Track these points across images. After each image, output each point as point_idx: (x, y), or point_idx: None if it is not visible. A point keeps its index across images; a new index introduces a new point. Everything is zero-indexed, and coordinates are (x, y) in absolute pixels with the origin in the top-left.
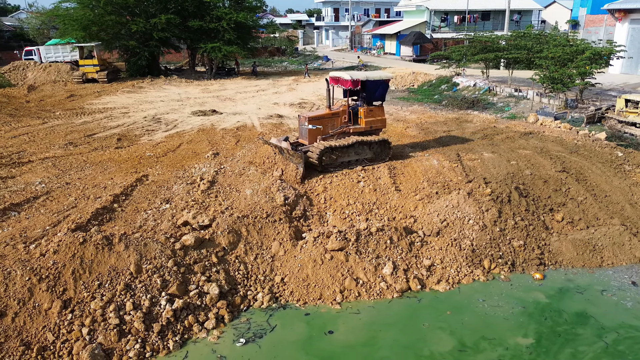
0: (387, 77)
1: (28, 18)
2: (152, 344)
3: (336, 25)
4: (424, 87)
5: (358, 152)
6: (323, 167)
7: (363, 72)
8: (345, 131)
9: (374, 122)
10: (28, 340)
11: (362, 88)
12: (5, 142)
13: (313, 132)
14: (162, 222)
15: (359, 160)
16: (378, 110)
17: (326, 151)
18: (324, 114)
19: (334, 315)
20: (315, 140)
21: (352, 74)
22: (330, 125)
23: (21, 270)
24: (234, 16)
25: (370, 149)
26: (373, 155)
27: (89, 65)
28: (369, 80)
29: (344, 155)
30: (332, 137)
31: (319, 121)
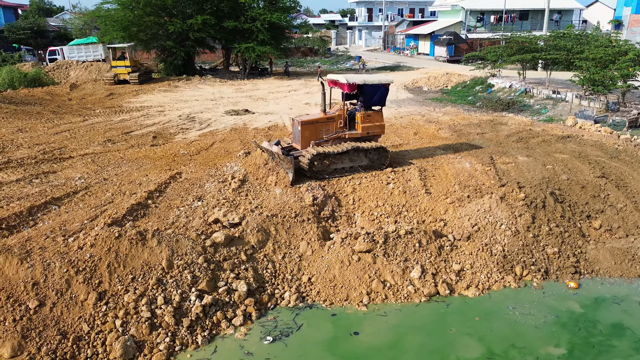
0: (386, 82)
1: (71, 19)
2: (182, 338)
3: (369, 25)
4: (457, 88)
5: (353, 159)
6: (314, 173)
7: (361, 75)
8: (340, 137)
9: (372, 128)
10: (65, 330)
11: (360, 92)
12: (47, 138)
13: (306, 136)
14: (193, 219)
15: (353, 168)
16: (376, 116)
17: (317, 157)
18: (318, 118)
19: (360, 317)
20: (309, 145)
21: (349, 77)
22: (324, 130)
23: (60, 262)
24: (268, 17)
25: (366, 156)
26: (369, 163)
27: (121, 66)
28: (367, 84)
29: (338, 162)
30: (327, 142)
31: (313, 126)
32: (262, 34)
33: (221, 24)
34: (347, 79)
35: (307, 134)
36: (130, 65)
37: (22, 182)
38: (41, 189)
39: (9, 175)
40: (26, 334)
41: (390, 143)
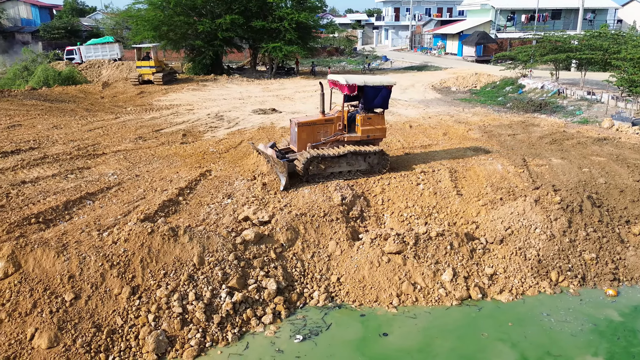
0: (389, 83)
1: (104, 19)
2: (212, 334)
3: (396, 24)
4: (487, 89)
5: (351, 163)
6: (310, 177)
7: (362, 76)
8: (339, 139)
9: (372, 131)
10: (99, 323)
11: (361, 94)
12: (82, 135)
13: (303, 138)
14: (223, 216)
15: (351, 172)
16: (377, 119)
17: (313, 160)
18: (316, 119)
19: (390, 318)
20: (306, 148)
21: (349, 78)
22: (323, 132)
23: (95, 256)
24: (295, 16)
25: (365, 160)
26: (368, 167)
27: (146, 66)
28: (368, 85)
29: (335, 166)
30: (325, 144)
31: (310, 127)
32: (289, 34)
33: (249, 23)
34: (346, 80)
35: (304, 136)
36: (155, 66)
37: (57, 177)
38: (76, 184)
39: (45, 170)
40: (62, 325)
41: (419, 143)
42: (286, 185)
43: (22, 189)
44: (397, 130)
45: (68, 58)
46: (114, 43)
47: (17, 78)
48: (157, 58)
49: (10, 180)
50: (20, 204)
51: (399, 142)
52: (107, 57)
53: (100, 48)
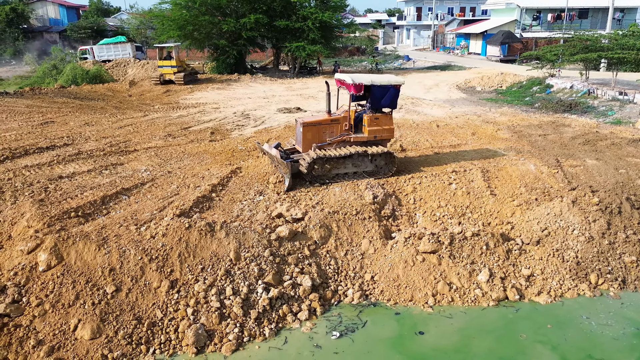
0: (397, 82)
1: (128, 19)
2: (250, 329)
3: (418, 24)
4: (513, 89)
5: (357, 165)
6: (314, 178)
7: (369, 75)
8: (345, 140)
9: (379, 132)
10: (139, 315)
11: (367, 93)
12: (113, 131)
13: (308, 138)
14: (257, 212)
15: (357, 173)
16: (385, 119)
17: (317, 161)
18: (321, 119)
19: (425, 317)
20: (310, 148)
21: (355, 77)
22: (328, 133)
23: (134, 250)
24: (319, 15)
25: (371, 162)
26: (374, 169)
27: (167, 66)
28: (375, 84)
29: (340, 167)
30: (331, 145)
31: (316, 127)
32: (312, 33)
33: (272, 23)
34: (353, 79)
35: (309, 136)
36: (176, 65)
37: (92, 172)
38: (111, 179)
39: (80, 166)
40: (104, 317)
41: (448, 143)
42: (289, 187)
43: (60, 183)
44: (424, 130)
45: (81, 57)
46: (126, 43)
47: (47, 76)
48: (178, 58)
49: (48, 175)
50: (59, 198)
51: (427, 141)
52: (119, 56)
53: (113, 48)
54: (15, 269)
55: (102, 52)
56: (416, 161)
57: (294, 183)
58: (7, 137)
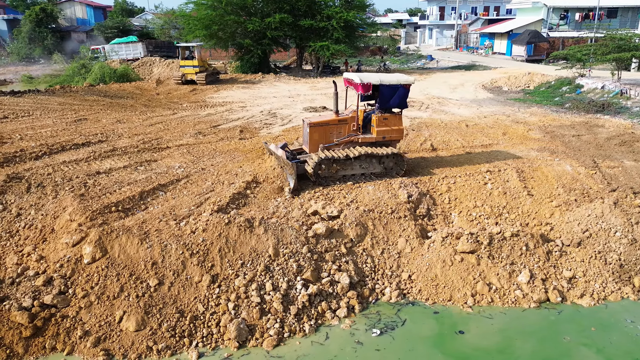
0: (406, 82)
1: (153, 19)
2: (290, 325)
3: (441, 24)
4: (541, 89)
5: (364, 166)
6: (321, 179)
7: (377, 74)
8: (353, 140)
9: (388, 133)
10: (182, 309)
11: (376, 93)
12: (144, 129)
13: (315, 139)
14: (292, 209)
15: (365, 175)
16: (394, 119)
17: (324, 162)
18: (329, 120)
19: (465, 317)
20: (317, 149)
21: (363, 77)
22: (336, 133)
23: (175, 244)
24: (344, 15)
25: (380, 163)
26: (383, 170)
27: (189, 66)
28: (383, 84)
29: (347, 168)
30: (338, 146)
31: (323, 128)
32: (337, 33)
33: (297, 22)
34: (361, 79)
35: (316, 137)
36: (198, 65)
37: (128, 168)
38: (147, 175)
39: (116, 162)
40: (148, 310)
41: (479, 143)
42: (294, 188)
43: (98, 179)
44: (453, 129)
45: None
46: (137, 42)
47: (76, 75)
48: (200, 57)
49: (86, 171)
50: (99, 193)
51: (457, 141)
52: (130, 56)
53: (124, 47)
54: (60, 261)
55: (113, 52)
56: (448, 160)
57: (300, 184)
58: (43, 133)
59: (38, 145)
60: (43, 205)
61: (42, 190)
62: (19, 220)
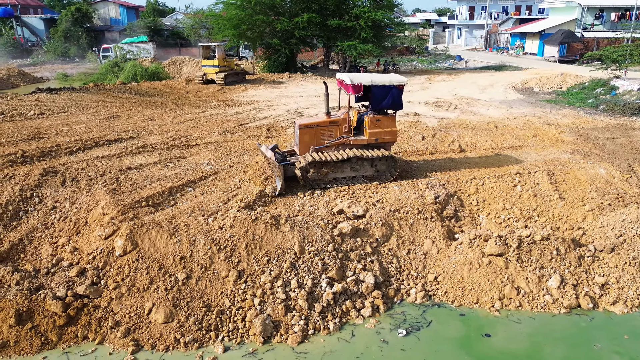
0: (399, 82)
1: (183, 18)
2: (314, 322)
3: (470, 23)
4: (574, 90)
5: (355, 169)
6: (310, 182)
7: (369, 75)
8: (344, 142)
9: (381, 135)
10: (209, 303)
11: (368, 94)
12: (173, 126)
13: (305, 141)
14: (318, 208)
15: (356, 178)
16: (387, 121)
17: (313, 165)
18: (319, 121)
19: (492, 320)
20: (308, 151)
21: (354, 77)
22: (327, 135)
23: (204, 239)
24: (372, 14)
25: (372, 166)
26: (375, 173)
27: (210, 65)
28: (375, 85)
29: (337, 171)
30: (330, 148)
31: (313, 130)
32: (364, 32)
33: (325, 22)
34: (351, 79)
35: (306, 139)
36: (218, 65)
37: (158, 164)
38: (176, 172)
39: (147, 158)
40: (176, 303)
41: (509, 144)
42: (281, 190)
43: (129, 174)
44: (482, 130)
45: (104, 55)
46: (148, 42)
47: (108, 73)
48: (222, 57)
49: (118, 166)
50: (130, 187)
51: (486, 142)
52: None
53: (135, 46)
54: (93, 253)
55: (124, 51)
56: (476, 162)
57: (290, 186)
58: (77, 129)
59: (73, 141)
60: (77, 198)
61: (76, 184)
62: (54, 212)
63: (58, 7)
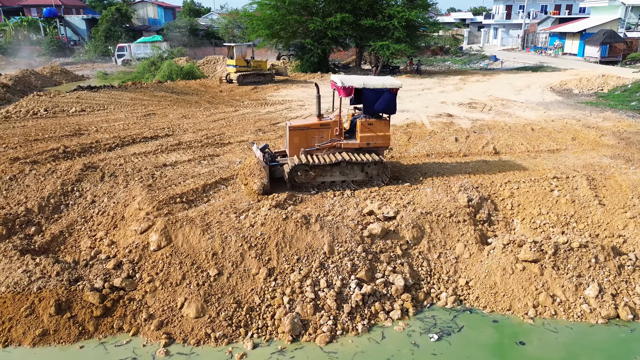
0: (392, 86)
1: (218, 19)
2: (343, 323)
3: (507, 23)
4: (616, 92)
5: (345, 173)
6: (298, 185)
7: (361, 77)
8: (335, 146)
9: (373, 139)
10: (239, 299)
11: (360, 96)
12: (207, 125)
13: (295, 143)
14: (348, 208)
15: (345, 182)
16: (380, 125)
17: (300, 168)
18: (310, 123)
19: (527, 328)
20: (298, 153)
21: (345, 79)
22: (317, 138)
23: (235, 236)
24: (406, 14)
25: (362, 171)
26: (365, 178)
27: (231, 65)
28: (367, 88)
29: (326, 175)
30: (320, 151)
31: (304, 132)
32: (398, 32)
33: (358, 21)
34: (342, 81)
35: (296, 141)
36: (236, 65)
37: (192, 162)
38: (209, 169)
39: (181, 155)
40: (207, 298)
41: (546, 147)
42: (264, 191)
43: (164, 171)
44: (517, 133)
45: (119, 54)
46: (162, 42)
47: (145, 72)
48: (242, 57)
49: (153, 163)
50: (165, 184)
51: (522, 144)
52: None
53: (150, 46)
54: (129, 247)
55: (139, 50)
56: (511, 165)
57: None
58: (116, 126)
59: (111, 137)
60: (115, 193)
61: (114, 179)
62: (93, 207)
63: (99, 7)
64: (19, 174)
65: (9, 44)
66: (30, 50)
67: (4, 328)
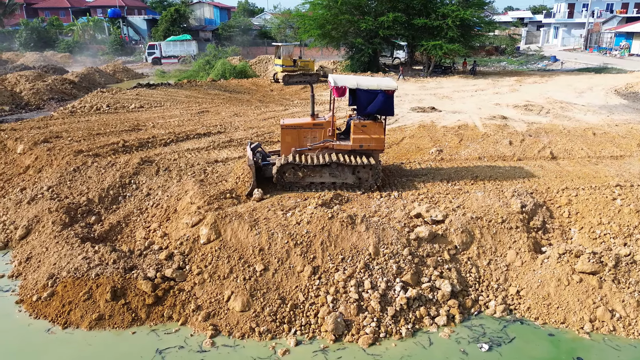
0: (388, 87)
1: (271, 18)
2: (386, 325)
3: (568, 22)
4: None
5: (335, 175)
6: (286, 185)
7: (355, 77)
8: (327, 147)
9: (366, 141)
10: (284, 296)
11: (353, 97)
12: (258, 123)
13: (287, 142)
14: (394, 210)
15: (336, 184)
16: (374, 127)
17: (287, 167)
18: (302, 123)
19: (586, 344)
20: (289, 152)
21: (338, 79)
22: (310, 137)
23: (281, 233)
24: (460, 13)
25: (353, 173)
26: (356, 181)
27: (277, 65)
28: (360, 89)
29: (315, 176)
30: (313, 151)
31: (296, 131)
32: (451, 31)
33: (410, 21)
34: (335, 81)
35: (288, 140)
36: (282, 65)
37: (242, 159)
38: None
39: (232, 152)
40: (253, 293)
41: (608, 153)
42: (251, 191)
43: (215, 167)
44: (577, 137)
45: (149, 52)
46: (191, 41)
47: (201, 70)
48: (287, 57)
49: (205, 159)
50: (216, 180)
51: (582, 150)
52: (184, 53)
53: (179, 44)
54: (180, 239)
55: (169, 48)
56: (569, 171)
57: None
58: (171, 122)
59: (167, 133)
60: (168, 187)
61: (168, 174)
62: (148, 199)
63: (159, 8)
64: (82, 165)
65: (76, 43)
66: (95, 49)
67: (64, 311)
